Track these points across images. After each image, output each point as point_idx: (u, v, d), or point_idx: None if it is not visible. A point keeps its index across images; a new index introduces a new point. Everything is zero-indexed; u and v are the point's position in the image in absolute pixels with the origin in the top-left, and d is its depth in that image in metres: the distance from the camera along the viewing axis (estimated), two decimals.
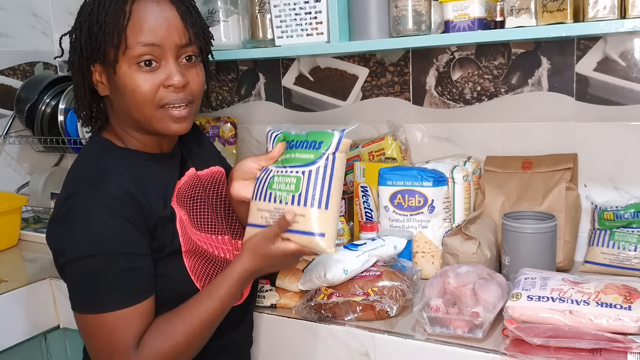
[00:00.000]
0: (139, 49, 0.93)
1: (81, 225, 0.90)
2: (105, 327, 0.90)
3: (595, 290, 1.03)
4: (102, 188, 0.92)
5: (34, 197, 2.07)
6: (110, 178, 0.94)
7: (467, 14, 1.29)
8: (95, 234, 0.90)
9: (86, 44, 0.96)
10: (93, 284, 0.90)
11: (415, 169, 1.42)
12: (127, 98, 0.95)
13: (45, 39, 2.18)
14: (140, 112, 0.96)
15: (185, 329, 0.93)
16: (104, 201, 0.91)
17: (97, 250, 0.89)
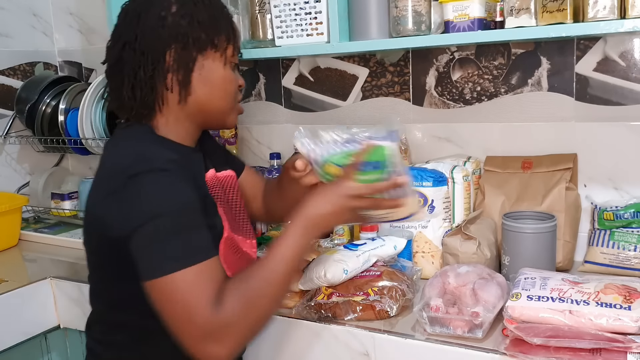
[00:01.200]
0: (235, 51, 1.06)
1: (144, 192, 0.89)
2: (182, 287, 0.87)
3: (595, 290, 1.03)
4: (158, 159, 0.92)
5: (34, 197, 2.07)
6: (164, 152, 0.95)
7: (467, 14, 1.29)
8: (159, 197, 0.89)
9: (202, 29, 1.00)
10: (162, 244, 0.88)
11: (415, 169, 1.42)
12: (221, 89, 1.03)
13: (45, 39, 2.18)
14: (225, 104, 1.05)
15: (260, 284, 0.90)
16: (163, 168, 0.91)
17: (162, 211, 0.88)
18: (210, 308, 0.86)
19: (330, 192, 0.95)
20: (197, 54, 1.00)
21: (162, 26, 0.98)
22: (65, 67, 2.22)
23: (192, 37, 0.99)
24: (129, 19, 1.00)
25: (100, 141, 1.83)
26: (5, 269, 1.64)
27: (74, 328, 1.56)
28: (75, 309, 1.52)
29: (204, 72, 1.01)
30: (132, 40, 0.99)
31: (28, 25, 2.13)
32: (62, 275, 1.55)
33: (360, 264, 1.21)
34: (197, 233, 0.91)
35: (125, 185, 0.90)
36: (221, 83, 1.03)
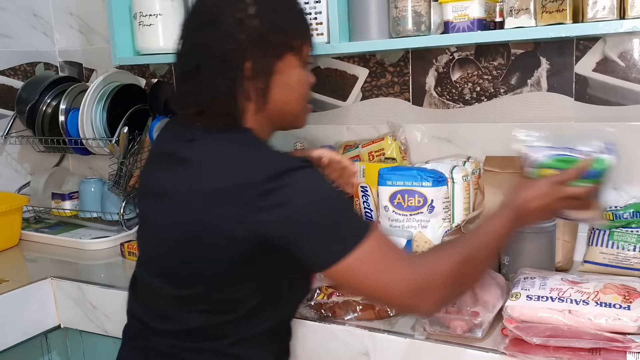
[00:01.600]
0: (310, 51, 1.03)
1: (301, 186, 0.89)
2: (375, 254, 0.88)
3: (595, 290, 1.03)
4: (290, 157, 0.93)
5: (34, 197, 2.07)
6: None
7: (467, 14, 1.29)
8: (322, 183, 0.91)
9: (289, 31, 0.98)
10: (339, 227, 0.89)
11: (415, 169, 1.42)
12: (297, 91, 1.01)
13: (45, 39, 2.18)
14: (298, 106, 1.03)
15: (467, 250, 0.93)
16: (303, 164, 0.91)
17: (330, 192, 0.91)
18: (409, 262, 0.90)
19: (545, 191, 0.99)
20: (276, 60, 0.97)
21: (240, 31, 0.94)
22: (66, 67, 2.22)
23: (271, 42, 0.95)
24: (203, 21, 0.97)
25: (100, 141, 1.83)
26: (6, 269, 1.64)
27: (75, 328, 1.56)
28: (75, 309, 1.52)
29: (282, 77, 0.98)
30: (210, 46, 0.95)
31: (28, 26, 2.14)
32: (62, 275, 1.56)
33: None
34: (354, 211, 0.95)
35: (274, 189, 0.87)
36: (297, 86, 1.01)
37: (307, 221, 0.88)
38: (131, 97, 1.87)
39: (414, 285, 0.88)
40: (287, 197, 0.87)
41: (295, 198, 0.87)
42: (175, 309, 1.00)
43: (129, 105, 1.83)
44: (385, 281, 0.88)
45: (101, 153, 1.90)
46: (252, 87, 0.96)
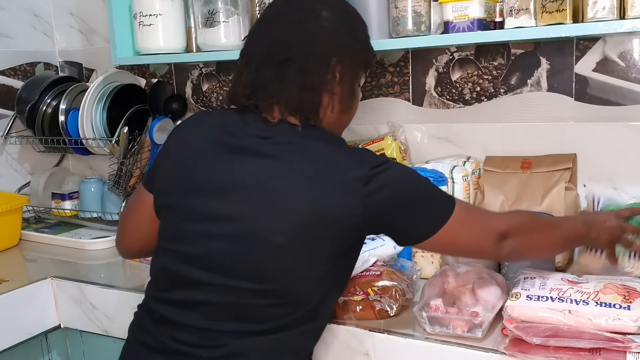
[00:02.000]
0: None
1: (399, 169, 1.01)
2: (469, 213, 1.03)
3: (595, 290, 1.03)
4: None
5: (34, 197, 2.07)
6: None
7: (467, 14, 1.29)
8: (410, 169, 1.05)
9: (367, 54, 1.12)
10: (438, 198, 1.01)
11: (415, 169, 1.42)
12: (354, 105, 1.12)
13: (46, 39, 2.18)
14: (351, 118, 1.14)
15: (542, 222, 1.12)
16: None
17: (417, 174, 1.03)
18: (494, 215, 1.13)
19: (614, 218, 1.17)
20: (360, 72, 1.10)
21: (340, 37, 1.05)
22: (66, 67, 2.22)
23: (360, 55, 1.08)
24: (305, 17, 1.03)
25: (100, 141, 1.83)
26: (6, 269, 1.64)
27: (75, 328, 1.56)
28: (75, 309, 1.52)
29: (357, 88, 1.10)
30: (311, 42, 1.02)
31: (29, 26, 2.13)
32: (62, 275, 1.56)
33: (360, 263, 1.21)
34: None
35: (374, 176, 0.95)
36: (358, 101, 1.13)
37: (409, 197, 0.98)
38: (131, 97, 1.87)
39: (499, 232, 1.02)
40: (386, 180, 0.96)
41: (395, 180, 0.97)
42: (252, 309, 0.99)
43: (129, 105, 1.84)
44: (479, 233, 1.02)
45: (101, 153, 1.90)
46: (336, 91, 1.04)
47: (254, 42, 1.06)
